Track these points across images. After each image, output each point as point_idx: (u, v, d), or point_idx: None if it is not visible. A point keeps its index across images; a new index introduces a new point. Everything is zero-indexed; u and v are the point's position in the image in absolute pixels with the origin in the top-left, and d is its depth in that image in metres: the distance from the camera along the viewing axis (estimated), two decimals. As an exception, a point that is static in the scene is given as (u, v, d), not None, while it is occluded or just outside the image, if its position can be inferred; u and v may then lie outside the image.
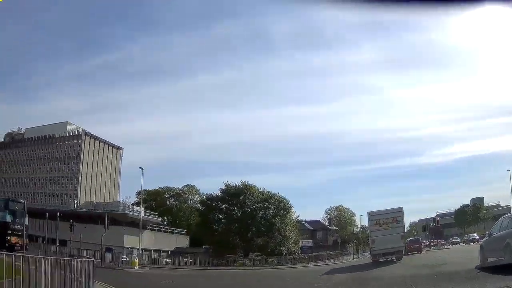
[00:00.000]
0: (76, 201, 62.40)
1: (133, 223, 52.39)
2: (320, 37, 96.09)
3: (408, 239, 32.01)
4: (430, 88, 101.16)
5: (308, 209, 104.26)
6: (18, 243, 25.26)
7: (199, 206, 54.34)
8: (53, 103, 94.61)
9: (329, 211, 76.26)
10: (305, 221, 59.11)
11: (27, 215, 30.86)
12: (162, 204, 62.42)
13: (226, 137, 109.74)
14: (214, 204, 47.42)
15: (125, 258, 36.72)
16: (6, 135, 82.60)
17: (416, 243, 32.36)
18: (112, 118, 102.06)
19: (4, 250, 12.09)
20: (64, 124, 70.50)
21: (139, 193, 72.05)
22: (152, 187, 65.87)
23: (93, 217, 54.25)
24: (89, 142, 65.82)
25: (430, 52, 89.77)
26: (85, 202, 62.95)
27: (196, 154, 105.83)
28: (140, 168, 46.02)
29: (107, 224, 34.43)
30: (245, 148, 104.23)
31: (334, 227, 68.42)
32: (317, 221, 65.11)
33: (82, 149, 64.69)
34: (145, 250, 53.51)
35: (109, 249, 38.67)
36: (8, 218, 25.94)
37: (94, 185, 65.86)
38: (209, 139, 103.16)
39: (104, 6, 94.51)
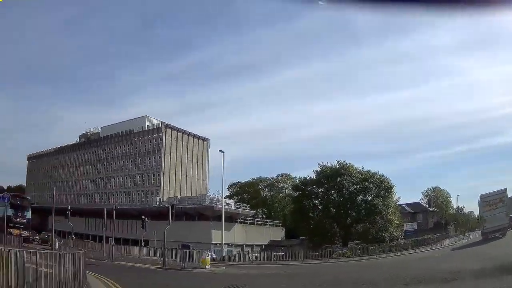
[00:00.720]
0: (158, 198, 76.96)
1: (221, 217, 62.85)
2: (401, 24, 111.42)
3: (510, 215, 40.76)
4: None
5: (400, 195, 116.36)
6: (19, 235, 38.98)
7: (293, 193, 65.17)
8: (143, 107, 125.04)
9: (426, 193, 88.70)
10: (404, 204, 67.38)
11: (30, 209, 45.58)
12: (256, 196, 75.55)
13: (318, 128, 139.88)
14: (308, 189, 57.34)
15: (212, 255, 42.71)
16: (81, 136, 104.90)
17: None
18: (203, 118, 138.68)
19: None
20: (143, 118, 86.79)
21: (231, 186, 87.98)
22: (245, 179, 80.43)
23: (177, 213, 68.36)
24: (171, 134, 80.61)
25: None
26: (168, 198, 75.79)
27: (290, 148, 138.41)
28: (220, 151, 55.07)
29: (168, 219, 34.58)
30: (337, 138, 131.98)
31: (433, 209, 77.02)
32: (417, 203, 74.29)
33: (164, 143, 79.10)
34: (236, 245, 64.74)
35: (185, 246, 42.42)
36: (10, 212, 39.75)
37: (178, 180, 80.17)
38: (302, 132, 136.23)
39: (188, 9, 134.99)
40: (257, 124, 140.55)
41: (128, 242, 63.21)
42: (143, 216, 44.85)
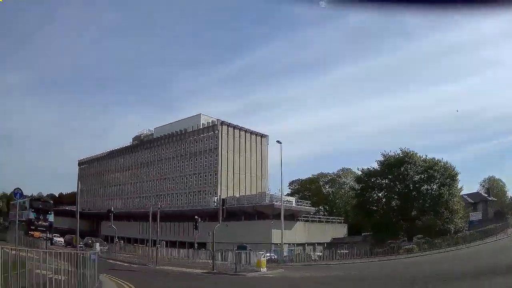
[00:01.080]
0: (216, 198, 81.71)
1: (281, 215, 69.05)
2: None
3: None
4: None
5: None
6: (41, 237, 46.28)
7: (355, 185, 71.50)
8: (204, 109, 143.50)
9: (482, 183, 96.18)
10: (464, 195, 71.49)
11: (52, 213, 53.54)
12: (317, 193, 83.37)
13: (372, 124, 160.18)
14: (372, 181, 63.27)
15: (270, 255, 44.81)
16: (134, 139, 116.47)
17: None
18: (259, 119, 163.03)
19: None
20: (197, 117, 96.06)
21: (291, 183, 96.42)
22: (305, 176, 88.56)
23: (235, 213, 72.26)
24: (227, 132, 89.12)
25: None
26: (227, 197, 78.13)
27: (349, 144, 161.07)
28: (278, 141, 58.03)
29: (221, 217, 36.74)
30: (391, 135, 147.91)
31: (493, 198, 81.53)
32: (476, 193, 79.77)
33: (220, 140, 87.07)
34: (298, 244, 69.13)
35: (242, 247, 43.62)
36: (32, 216, 48.60)
37: (236, 179, 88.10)
38: (360, 127, 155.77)
39: (243, 9, 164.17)
40: (315, 121, 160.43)
41: (185, 245, 68.17)
42: (196, 217, 48.98)
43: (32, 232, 48.71)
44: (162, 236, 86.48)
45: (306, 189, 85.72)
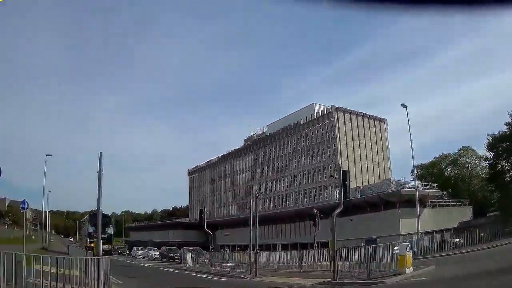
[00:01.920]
0: (338, 191, 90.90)
1: (409, 202, 69.91)
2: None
3: None
4: None
5: None
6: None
7: (487, 153, 73.76)
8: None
9: None
10: None
11: (111, 226, 64.58)
12: (439, 177, 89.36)
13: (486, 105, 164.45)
14: (504, 146, 65.26)
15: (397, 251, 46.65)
16: (246, 140, 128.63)
17: None
18: (379, 111, 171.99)
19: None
20: (310, 107, 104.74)
21: (412, 170, 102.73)
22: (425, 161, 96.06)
23: (358, 205, 77.20)
24: (343, 118, 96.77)
25: None
26: (349, 190, 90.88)
27: (464, 126, 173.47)
28: (403, 105, 59.53)
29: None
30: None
31: None
32: None
33: (337, 128, 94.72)
34: (426, 233, 68.65)
35: (371, 241, 40.43)
36: (90, 229, 59.65)
37: (358, 168, 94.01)
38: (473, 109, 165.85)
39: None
40: (425, 109, 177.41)
41: (306, 247, 66.20)
42: (314, 210, 51.02)
43: (91, 245, 61.23)
44: (274, 239, 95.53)
45: (428, 174, 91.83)
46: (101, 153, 26.86)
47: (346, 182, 28.26)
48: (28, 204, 36.97)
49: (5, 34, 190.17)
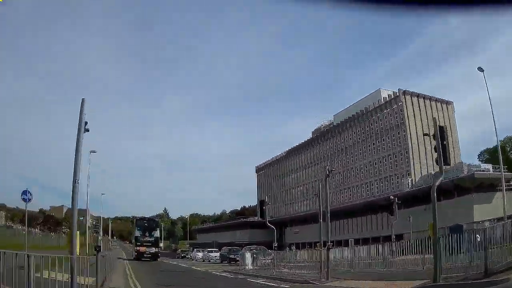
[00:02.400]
0: (410, 179, 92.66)
1: (481, 187, 73.39)
2: None
3: None
4: None
5: None
6: (146, 252, 65.16)
7: None
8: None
9: None
10: None
11: (158, 229, 71.81)
12: (506, 161, 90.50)
13: None
14: None
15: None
16: (313, 132, 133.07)
17: None
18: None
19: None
20: (377, 92, 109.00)
21: (481, 154, 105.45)
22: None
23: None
24: (411, 102, 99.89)
25: None
26: (421, 177, 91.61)
27: None
28: (479, 69, 57.18)
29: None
30: None
31: None
32: None
33: (405, 113, 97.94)
34: (499, 219, 65.75)
35: (456, 228, 37.76)
36: (137, 233, 67.47)
37: (429, 153, 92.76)
38: None
39: None
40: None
41: (379, 241, 66.43)
42: (391, 197, 51.96)
43: (138, 248, 67.07)
44: (345, 235, 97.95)
45: (495, 158, 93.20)
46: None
47: (444, 142, 22.52)
48: (31, 195, 31.98)
49: (74, 44, 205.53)
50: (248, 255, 48.72)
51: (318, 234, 32.78)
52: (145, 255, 64.77)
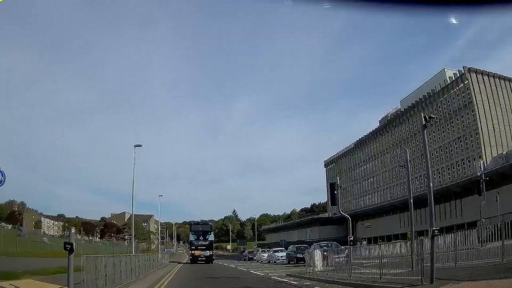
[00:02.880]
0: (482, 162, 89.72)
1: None
2: None
3: None
4: None
5: None
6: (201, 255, 71.30)
7: None
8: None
9: None
10: None
11: (212, 233, 75.56)
12: None
13: None
14: None
15: None
16: (380, 121, 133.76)
17: None
18: None
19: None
20: (441, 73, 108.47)
21: None
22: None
23: (506, 175, 76.84)
24: (477, 80, 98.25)
25: None
26: (492, 158, 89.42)
27: None
28: None
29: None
30: None
31: None
32: None
33: (472, 92, 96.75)
34: None
35: None
36: (192, 238, 74.37)
37: (500, 134, 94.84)
38: None
39: None
40: None
41: (452, 229, 59.30)
42: (478, 174, 55.09)
43: (192, 252, 73.01)
44: (421, 225, 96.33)
45: None
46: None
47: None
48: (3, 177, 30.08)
49: (140, 52, 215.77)
50: (317, 253, 39.64)
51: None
52: (199, 259, 70.49)
